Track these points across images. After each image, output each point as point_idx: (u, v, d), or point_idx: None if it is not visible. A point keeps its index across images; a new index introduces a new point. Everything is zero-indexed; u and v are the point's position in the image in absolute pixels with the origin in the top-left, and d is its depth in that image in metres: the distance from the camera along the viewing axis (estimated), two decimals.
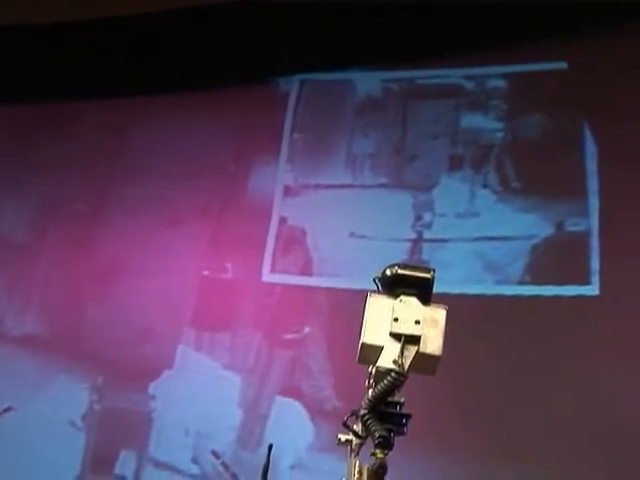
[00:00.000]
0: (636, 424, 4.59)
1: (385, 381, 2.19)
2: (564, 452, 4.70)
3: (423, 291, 2.32)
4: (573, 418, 4.73)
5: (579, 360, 4.84)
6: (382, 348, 2.26)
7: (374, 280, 2.36)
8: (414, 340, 2.25)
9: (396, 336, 2.26)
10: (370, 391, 2.23)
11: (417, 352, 2.24)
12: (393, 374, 2.20)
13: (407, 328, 2.26)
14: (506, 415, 4.85)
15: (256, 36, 5.87)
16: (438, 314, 2.29)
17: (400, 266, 2.35)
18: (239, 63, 5.90)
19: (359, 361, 2.31)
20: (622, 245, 4.97)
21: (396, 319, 2.27)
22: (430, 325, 2.27)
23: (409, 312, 2.28)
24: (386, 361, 2.23)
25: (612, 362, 4.77)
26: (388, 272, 2.35)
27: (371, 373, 2.25)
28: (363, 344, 2.29)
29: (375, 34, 5.65)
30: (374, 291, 2.34)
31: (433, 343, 2.26)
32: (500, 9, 5.36)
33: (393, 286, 2.33)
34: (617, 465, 4.61)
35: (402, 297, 2.30)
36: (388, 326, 2.27)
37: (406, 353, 2.24)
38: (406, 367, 2.22)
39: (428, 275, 2.34)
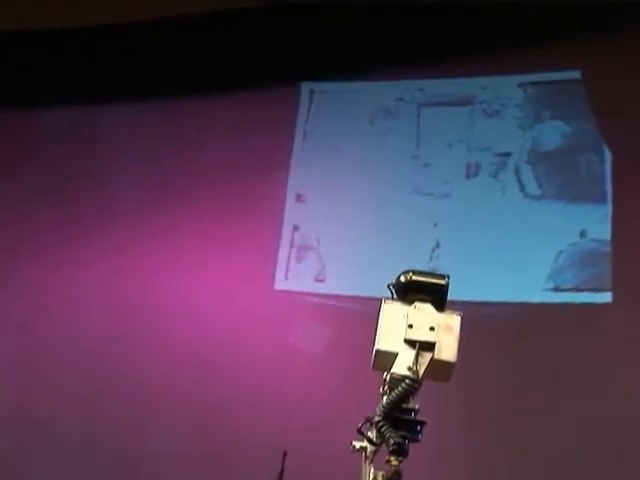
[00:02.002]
0: None
1: (400, 388, 2.16)
2: (572, 459, 4.69)
3: (437, 297, 2.29)
4: (582, 424, 4.72)
5: (591, 365, 4.84)
6: (397, 355, 2.23)
7: (388, 287, 2.34)
8: (429, 347, 2.22)
9: (411, 343, 2.23)
10: (384, 398, 2.20)
11: (432, 359, 2.21)
12: (408, 381, 2.16)
13: (422, 335, 2.23)
14: (516, 420, 4.85)
15: (266, 44, 5.87)
16: (453, 320, 2.25)
17: (414, 272, 2.32)
18: (249, 71, 5.89)
19: (373, 367, 2.28)
20: (636, 252, 4.96)
21: (410, 326, 2.24)
22: (445, 331, 2.24)
23: (424, 318, 2.25)
24: (401, 368, 2.20)
25: (624, 368, 4.76)
26: (402, 278, 2.32)
27: (385, 380, 2.23)
28: (377, 351, 2.25)
29: (388, 42, 5.64)
30: (389, 298, 2.32)
31: (448, 350, 2.22)
32: (510, 17, 5.36)
33: (407, 293, 2.30)
34: (623, 472, 4.60)
35: (417, 303, 2.27)
36: (402, 333, 2.24)
37: (421, 360, 2.21)
38: (421, 374, 2.19)
39: (442, 281, 2.31)
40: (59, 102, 6.15)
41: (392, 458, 2.13)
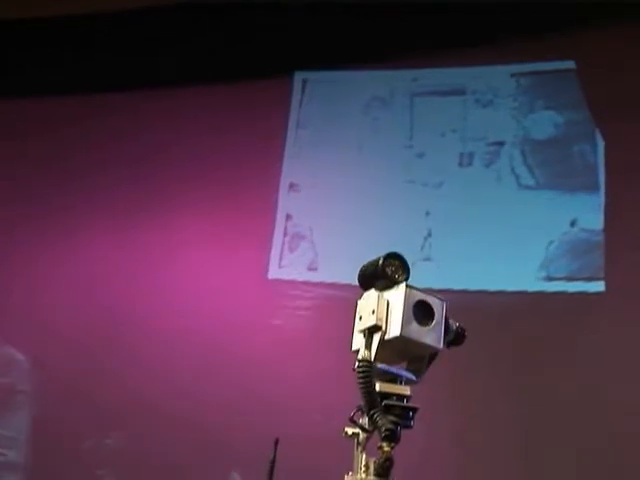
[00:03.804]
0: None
1: (359, 377, 2.18)
2: (566, 450, 4.71)
3: (381, 280, 2.28)
4: (574, 412, 4.74)
5: (584, 354, 4.86)
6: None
7: None
8: (376, 329, 2.23)
9: (363, 332, 2.25)
10: None
11: (380, 340, 2.22)
12: (359, 366, 2.18)
13: (366, 322, 2.25)
14: (509, 408, 4.86)
15: (260, 32, 5.87)
16: (393, 295, 2.25)
17: (362, 267, 2.34)
18: (243, 60, 5.89)
19: None
20: (629, 242, 4.97)
21: (360, 317, 2.28)
22: (386, 309, 2.24)
23: (367, 305, 2.27)
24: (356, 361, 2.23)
25: (617, 357, 4.78)
26: (357, 278, 2.35)
27: None
28: (353, 352, 2.29)
29: (381, 31, 5.64)
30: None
31: (393, 325, 2.22)
32: (504, 7, 5.36)
33: (364, 287, 2.32)
34: (616, 458, 4.62)
35: (364, 294, 2.31)
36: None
37: (373, 344, 2.22)
38: (372, 356, 2.19)
39: (378, 264, 2.29)
40: (53, 92, 6.14)
41: (384, 444, 2.14)
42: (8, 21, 6.15)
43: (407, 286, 2.24)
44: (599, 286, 4.98)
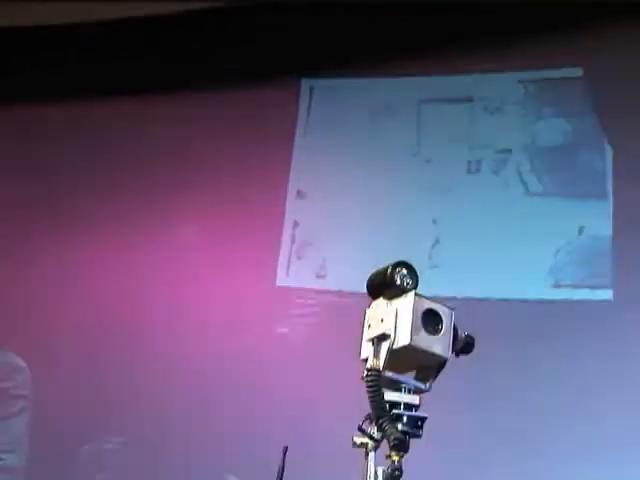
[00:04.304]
0: None
1: (368, 386, 2.18)
2: (570, 455, 4.69)
3: (389, 289, 2.28)
4: (582, 420, 4.73)
5: (591, 362, 4.84)
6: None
7: None
8: (385, 338, 2.23)
9: (371, 341, 2.26)
10: None
11: (389, 348, 2.22)
12: (368, 375, 2.18)
13: (375, 330, 2.26)
14: (515, 416, 4.84)
15: (267, 40, 5.87)
16: (402, 304, 2.25)
17: (370, 275, 2.34)
18: (250, 67, 5.89)
19: None
20: (637, 249, 4.96)
21: (369, 325, 2.28)
22: (394, 318, 2.24)
23: (376, 314, 2.28)
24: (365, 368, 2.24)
25: (624, 365, 4.77)
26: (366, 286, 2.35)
27: None
28: (362, 361, 2.28)
29: (388, 38, 5.64)
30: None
31: (402, 333, 2.22)
32: (511, 14, 5.35)
33: (373, 296, 2.33)
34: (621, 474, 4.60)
35: (372, 303, 2.31)
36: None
37: (382, 353, 2.23)
38: (381, 365, 2.20)
39: (387, 272, 2.29)
40: (54, 95, 6.15)
41: (393, 453, 2.14)
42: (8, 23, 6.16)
43: (416, 294, 2.24)
44: (607, 294, 4.97)
